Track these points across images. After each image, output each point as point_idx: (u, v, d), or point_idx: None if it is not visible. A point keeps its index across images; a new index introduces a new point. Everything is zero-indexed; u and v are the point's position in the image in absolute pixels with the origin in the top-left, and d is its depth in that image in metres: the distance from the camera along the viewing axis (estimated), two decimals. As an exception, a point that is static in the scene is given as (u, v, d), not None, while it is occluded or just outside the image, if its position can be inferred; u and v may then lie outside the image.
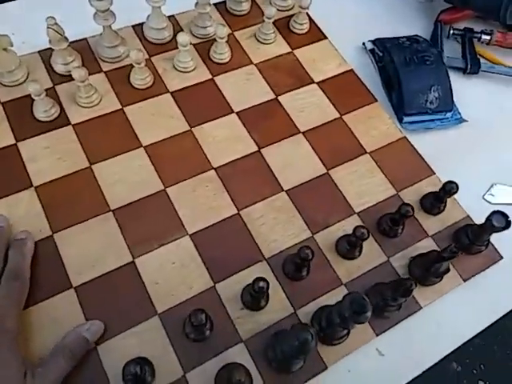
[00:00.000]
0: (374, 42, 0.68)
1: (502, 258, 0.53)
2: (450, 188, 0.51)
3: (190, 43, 0.58)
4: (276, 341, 0.43)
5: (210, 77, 0.61)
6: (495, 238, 0.53)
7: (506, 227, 0.47)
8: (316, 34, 0.67)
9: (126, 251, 0.48)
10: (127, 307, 0.45)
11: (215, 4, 0.67)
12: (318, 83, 0.63)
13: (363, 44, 0.69)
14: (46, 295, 0.45)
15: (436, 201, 0.53)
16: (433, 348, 0.49)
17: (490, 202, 0.58)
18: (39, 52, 0.59)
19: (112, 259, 0.47)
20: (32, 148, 0.52)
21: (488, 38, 0.71)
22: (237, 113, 0.59)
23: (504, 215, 0.48)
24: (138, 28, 0.63)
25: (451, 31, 0.72)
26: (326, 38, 0.67)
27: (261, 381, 0.43)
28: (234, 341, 0.45)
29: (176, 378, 0.43)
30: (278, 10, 0.67)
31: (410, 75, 0.61)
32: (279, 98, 0.61)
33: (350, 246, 0.49)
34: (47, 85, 0.57)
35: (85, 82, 0.53)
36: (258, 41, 0.65)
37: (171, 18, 0.64)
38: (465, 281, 0.51)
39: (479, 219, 0.51)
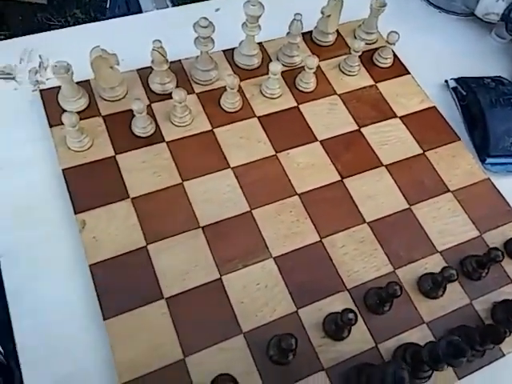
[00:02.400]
0: (457, 80, 0.68)
1: None
2: (540, 235, 0.50)
3: (279, 71, 0.61)
4: (361, 373, 0.43)
5: (295, 104, 0.63)
6: None
7: None
8: (399, 69, 0.68)
9: (214, 268, 0.50)
10: (214, 323, 0.47)
11: (302, 34, 0.69)
12: (400, 118, 0.64)
13: (446, 81, 0.69)
14: (138, 304, 0.47)
15: (522, 246, 0.53)
16: (513, 397, 0.48)
17: None
18: (137, 70, 0.62)
19: (201, 274, 0.49)
20: (129, 161, 0.55)
21: None
22: (320, 141, 0.60)
23: None
24: (229, 53, 0.66)
25: (534, 74, 0.72)
26: (408, 73, 0.68)
27: (342, 411, 0.44)
28: (316, 368, 0.46)
29: (259, 399, 0.44)
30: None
31: (496, 117, 0.61)
32: (362, 129, 0.62)
33: (434, 285, 0.49)
34: (144, 102, 0.60)
35: (182, 103, 0.56)
36: (342, 72, 0.67)
37: (260, 45, 0.67)
38: (549, 331, 0.50)
39: None
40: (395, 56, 0.69)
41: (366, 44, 0.70)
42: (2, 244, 0.50)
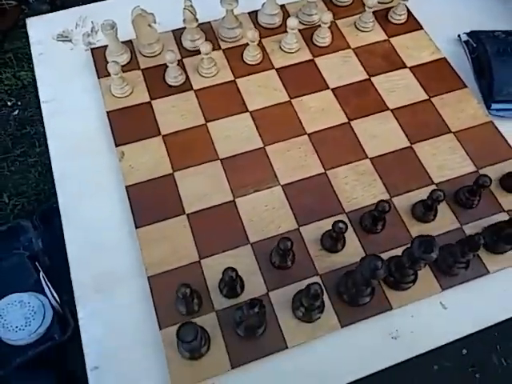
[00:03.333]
0: (469, 34, 0.71)
1: None
2: (530, 165, 0.53)
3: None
4: (348, 277, 0.50)
5: (311, 57, 0.70)
6: None
7: None
8: (412, 25, 0.73)
9: (229, 192, 0.58)
10: (227, 234, 0.55)
11: (322, -4, 0.75)
12: (410, 68, 0.68)
13: (458, 36, 0.72)
14: (163, 217, 0.56)
15: (516, 179, 0.56)
16: (494, 311, 0.52)
17: None
18: (172, 31, 0.72)
19: (217, 196, 0.58)
20: (162, 105, 0.65)
21: None
22: (332, 89, 0.66)
23: None
24: (253, 14, 0.74)
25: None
26: (421, 28, 0.72)
27: (332, 310, 0.50)
28: (311, 273, 0.53)
29: (261, 294, 0.51)
30: (379, 2, 0.73)
31: (501, 65, 0.64)
32: (372, 78, 0.67)
33: (425, 209, 0.54)
34: (176, 54, 0.69)
35: (208, 55, 0.64)
36: (358, 29, 0.72)
37: (282, 6, 0.74)
38: (537, 256, 0.53)
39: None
40: (409, 13, 0.73)
41: (382, 3, 0.75)
42: (60, 170, 0.61)
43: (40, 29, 0.73)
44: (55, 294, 0.95)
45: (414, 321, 0.51)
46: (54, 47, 0.72)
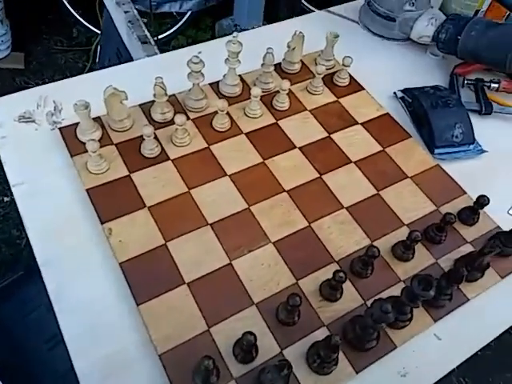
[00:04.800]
0: (403, 91, 0.83)
1: (530, 259, 0.64)
2: (482, 200, 0.63)
3: (258, 95, 0.73)
4: (355, 323, 0.53)
5: (274, 121, 0.75)
6: (523, 243, 0.63)
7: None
8: (355, 87, 0.82)
9: (224, 255, 0.59)
10: (230, 298, 0.56)
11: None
12: (361, 124, 0.77)
13: (394, 93, 0.84)
14: (164, 290, 0.56)
15: (471, 213, 0.65)
16: (480, 334, 0.58)
17: (514, 216, 0.69)
18: (140, 105, 0.74)
19: (213, 261, 0.59)
20: (142, 177, 0.66)
21: (496, 85, 0.86)
22: (299, 148, 0.72)
23: (529, 220, 0.59)
24: (214, 85, 0.78)
25: (465, 81, 0.87)
26: (363, 88, 0.82)
27: (345, 358, 0.53)
28: (318, 325, 0.55)
29: (274, 353, 0.52)
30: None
31: (437, 116, 0.75)
32: (331, 135, 0.75)
33: (404, 249, 0.60)
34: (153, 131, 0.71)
35: (183, 126, 0.67)
36: (310, 92, 0.80)
37: (239, 76, 0.80)
38: (502, 278, 0.62)
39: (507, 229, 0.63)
40: (351, 76, 0.83)
41: (326, 69, 0.84)
42: (43, 255, 0.58)
43: (-2, 111, 0.71)
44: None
45: (415, 355, 0.55)
46: (16, 129, 0.70)
